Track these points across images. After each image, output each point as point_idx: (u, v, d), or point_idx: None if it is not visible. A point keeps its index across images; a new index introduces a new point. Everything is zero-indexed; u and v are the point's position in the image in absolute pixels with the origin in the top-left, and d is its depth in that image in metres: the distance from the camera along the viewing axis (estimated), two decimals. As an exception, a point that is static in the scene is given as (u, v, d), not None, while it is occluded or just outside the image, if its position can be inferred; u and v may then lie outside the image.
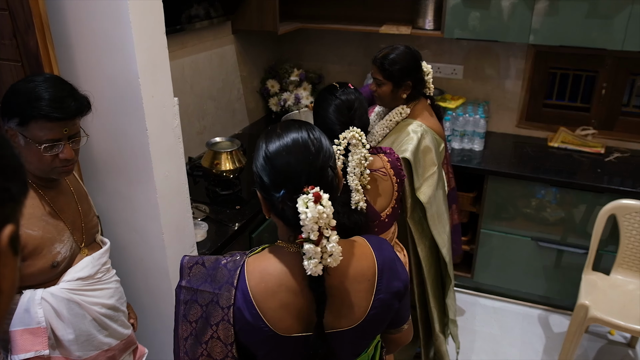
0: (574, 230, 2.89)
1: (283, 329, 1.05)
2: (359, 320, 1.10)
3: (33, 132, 1.33)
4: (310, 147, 1.03)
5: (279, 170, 1.02)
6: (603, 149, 3.07)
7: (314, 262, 0.99)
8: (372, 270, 1.11)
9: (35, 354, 1.40)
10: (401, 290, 1.15)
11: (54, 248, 1.42)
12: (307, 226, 0.97)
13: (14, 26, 1.51)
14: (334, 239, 1.00)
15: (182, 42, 2.64)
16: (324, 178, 1.03)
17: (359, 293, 1.09)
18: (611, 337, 2.95)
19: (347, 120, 1.67)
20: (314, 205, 0.96)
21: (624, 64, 3.04)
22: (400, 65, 2.03)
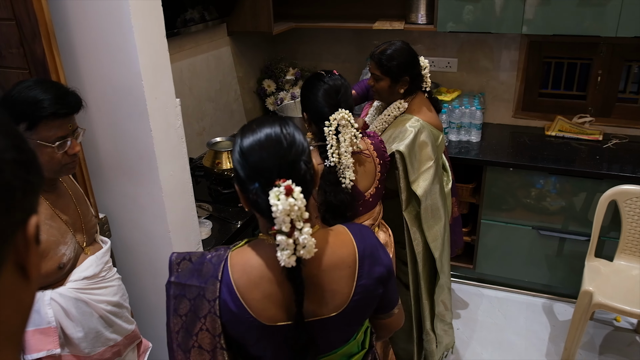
0: (575, 218, 2.91)
1: (267, 318, 1.09)
2: (342, 306, 1.13)
3: (42, 133, 1.35)
4: (282, 141, 1.06)
5: (252, 164, 1.06)
6: (601, 136, 3.10)
7: (287, 253, 1.02)
8: (352, 257, 1.14)
9: (47, 353, 1.44)
10: (384, 275, 1.18)
11: (59, 250, 1.45)
12: (279, 218, 1.00)
13: (20, 35, 1.54)
14: (306, 230, 1.02)
15: (179, 46, 2.66)
16: (296, 172, 1.05)
17: (340, 280, 1.13)
18: (617, 324, 2.97)
19: (335, 103, 1.77)
20: (285, 198, 0.99)
21: (619, 50, 3.07)
22: (397, 61, 2.05)
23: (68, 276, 1.50)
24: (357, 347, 1.28)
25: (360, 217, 1.97)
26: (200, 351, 1.12)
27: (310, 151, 1.12)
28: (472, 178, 3.10)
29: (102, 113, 1.74)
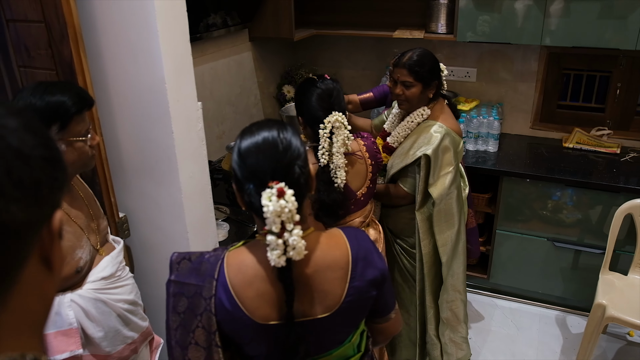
0: (590, 231, 2.90)
1: (261, 317, 1.12)
2: (334, 307, 1.15)
3: (74, 130, 1.41)
4: (278, 145, 1.09)
5: (249, 165, 1.09)
6: (619, 149, 3.08)
7: (276, 253, 1.05)
8: (345, 259, 1.17)
9: (70, 354, 1.46)
10: (377, 278, 1.20)
11: (76, 254, 1.47)
12: (269, 219, 1.03)
13: (49, 37, 1.58)
14: (296, 232, 1.04)
15: (201, 50, 2.72)
16: (290, 175, 1.08)
17: (333, 281, 1.15)
18: (630, 338, 2.94)
19: (329, 106, 1.84)
20: (277, 200, 1.02)
21: (638, 63, 3.05)
22: (428, 66, 2.08)
23: (85, 278, 1.53)
24: (353, 350, 1.29)
25: (352, 215, 2.04)
26: (197, 347, 1.16)
27: (307, 156, 1.15)
28: (489, 188, 3.10)
29: (125, 114, 1.79)
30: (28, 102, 1.35)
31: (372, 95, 2.77)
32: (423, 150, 2.07)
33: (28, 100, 1.36)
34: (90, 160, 1.50)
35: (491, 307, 3.22)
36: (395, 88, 2.14)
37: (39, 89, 1.37)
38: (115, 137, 1.83)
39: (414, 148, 2.11)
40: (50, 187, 0.56)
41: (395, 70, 2.12)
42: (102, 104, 1.78)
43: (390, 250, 2.36)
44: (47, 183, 0.55)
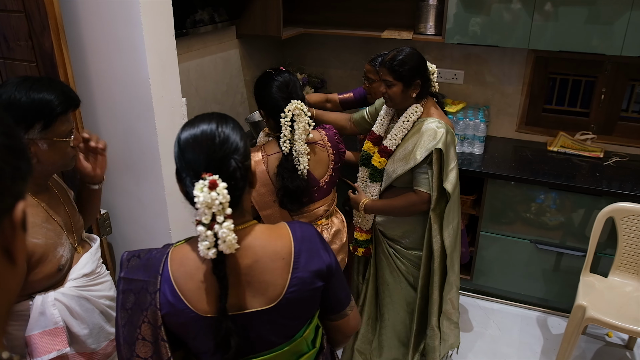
0: (572, 233, 2.93)
1: (202, 309, 1.12)
2: (276, 299, 1.15)
3: (58, 129, 1.38)
4: (215, 138, 1.10)
5: (185, 156, 1.11)
6: (602, 153, 3.11)
7: (205, 244, 1.05)
8: (287, 249, 1.17)
9: (57, 353, 1.45)
10: (323, 270, 1.19)
11: (57, 252, 1.46)
12: (200, 209, 1.04)
13: (29, 28, 1.55)
14: (226, 225, 1.05)
15: (187, 46, 2.70)
16: (225, 168, 1.08)
17: (274, 271, 1.15)
18: (609, 339, 2.98)
19: (288, 95, 1.94)
20: (208, 191, 1.03)
21: (623, 69, 3.09)
22: (409, 65, 2.07)
23: (66, 276, 1.52)
24: (307, 346, 1.28)
25: (316, 204, 2.11)
26: (144, 342, 1.16)
27: (247, 151, 1.16)
28: (473, 190, 3.12)
29: (108, 109, 1.77)
30: (11, 96, 1.31)
31: (352, 95, 2.78)
32: (432, 146, 2.05)
33: (12, 94, 1.31)
34: (71, 160, 1.47)
35: (473, 308, 3.24)
36: (380, 86, 2.17)
37: (25, 85, 1.33)
38: (97, 132, 1.81)
39: (420, 147, 2.08)
40: (12, 177, 0.55)
41: (380, 68, 2.14)
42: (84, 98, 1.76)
43: (382, 252, 2.36)
44: (9, 173, 0.54)
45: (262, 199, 1.98)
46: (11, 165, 0.55)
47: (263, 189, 1.97)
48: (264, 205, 1.99)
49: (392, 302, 2.41)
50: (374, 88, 2.55)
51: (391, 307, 2.42)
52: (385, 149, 2.20)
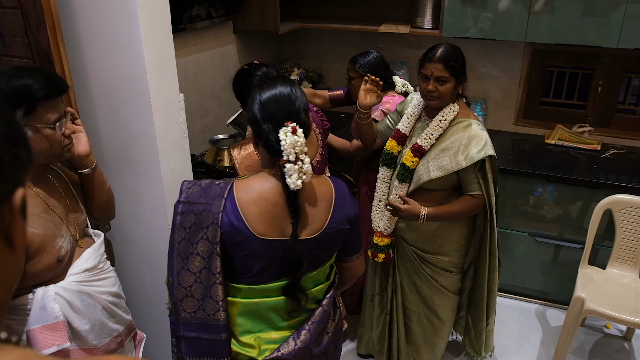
0: (570, 226, 2.93)
1: (260, 232, 1.35)
2: (318, 231, 1.40)
3: (41, 116, 1.36)
4: (291, 96, 1.37)
5: (268, 110, 1.35)
6: (599, 146, 3.12)
7: (295, 177, 1.31)
8: (329, 194, 1.44)
9: (58, 347, 1.44)
10: (351, 215, 1.46)
11: (57, 243, 1.45)
12: (287, 150, 1.30)
13: (25, 24, 1.55)
14: (307, 160, 1.32)
15: (184, 42, 2.69)
16: (300, 118, 1.35)
17: (320, 209, 1.41)
18: (607, 331, 3.00)
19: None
20: (292, 135, 1.30)
21: (620, 62, 3.09)
22: (462, 61, 2.02)
23: (67, 270, 1.51)
24: (324, 276, 1.52)
25: None
26: (197, 257, 1.36)
27: (308, 106, 1.42)
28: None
29: (105, 105, 1.76)
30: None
31: (342, 93, 2.78)
32: (482, 151, 1.97)
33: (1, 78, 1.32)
34: (62, 150, 1.45)
35: (473, 301, 3.25)
36: (426, 84, 2.02)
37: (8, 73, 1.33)
38: (95, 129, 1.81)
39: (465, 151, 1.99)
40: (11, 165, 0.56)
41: (428, 65, 2.00)
42: (81, 94, 1.75)
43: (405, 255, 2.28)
44: (8, 160, 0.55)
45: None
46: (10, 153, 0.56)
47: None
48: None
49: (422, 297, 2.34)
50: (354, 86, 2.57)
51: (420, 302, 2.36)
52: (420, 148, 2.08)
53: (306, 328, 1.44)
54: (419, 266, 2.25)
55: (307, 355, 1.43)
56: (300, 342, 1.42)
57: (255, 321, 1.43)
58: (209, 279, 1.36)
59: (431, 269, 2.25)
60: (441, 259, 2.23)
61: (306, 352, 1.43)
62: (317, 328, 1.46)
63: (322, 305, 1.48)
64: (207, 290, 1.36)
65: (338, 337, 1.58)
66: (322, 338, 1.49)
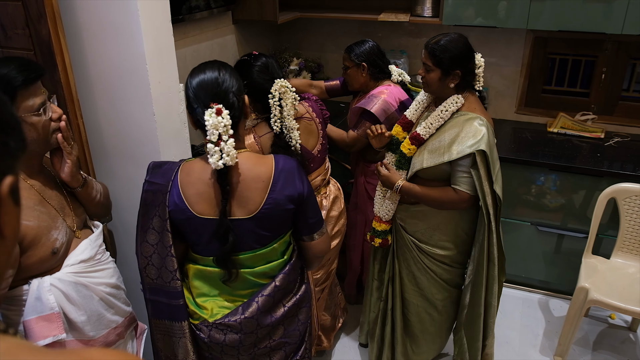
0: (574, 215, 2.92)
1: (199, 211, 1.47)
2: (254, 211, 1.47)
3: (23, 104, 1.34)
4: (218, 79, 1.44)
5: (195, 93, 1.44)
6: (603, 134, 3.10)
7: (215, 157, 1.38)
8: (268, 174, 1.48)
9: (53, 339, 1.43)
10: (294, 196, 1.50)
11: (51, 235, 1.45)
12: (209, 131, 1.37)
13: (26, 16, 1.54)
14: (229, 142, 1.38)
15: (183, 32, 2.66)
16: (226, 100, 1.42)
17: (255, 190, 1.47)
18: (612, 321, 2.99)
19: (270, 77, 1.98)
20: (215, 116, 1.37)
21: (624, 48, 3.06)
22: (451, 53, 1.96)
23: (63, 261, 1.50)
24: (277, 255, 1.59)
25: (312, 174, 2.19)
26: (153, 231, 1.51)
27: (241, 87, 1.48)
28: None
29: (105, 95, 1.75)
30: None
31: (338, 83, 2.75)
32: (474, 146, 1.93)
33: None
34: (51, 135, 1.43)
35: (475, 291, 3.24)
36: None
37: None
38: (95, 119, 1.79)
39: (458, 143, 1.96)
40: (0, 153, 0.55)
41: (423, 50, 2.03)
42: (82, 85, 1.74)
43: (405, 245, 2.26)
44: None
45: None
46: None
47: None
48: None
49: (421, 290, 2.31)
50: (349, 75, 2.57)
51: (419, 294, 2.33)
52: (418, 136, 2.06)
53: (255, 300, 1.56)
54: (417, 257, 2.23)
55: (253, 325, 1.56)
56: (248, 312, 1.54)
57: (210, 287, 1.58)
58: (163, 251, 1.53)
59: (430, 260, 2.23)
60: (438, 252, 2.20)
61: (252, 321, 1.55)
62: (266, 301, 1.56)
63: (275, 281, 1.58)
64: (163, 260, 1.53)
65: (301, 310, 1.68)
66: (274, 310, 1.60)
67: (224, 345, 1.56)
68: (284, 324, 1.64)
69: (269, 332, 1.61)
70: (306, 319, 1.71)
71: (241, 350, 1.59)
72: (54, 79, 1.61)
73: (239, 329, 1.54)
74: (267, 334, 1.61)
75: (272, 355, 1.65)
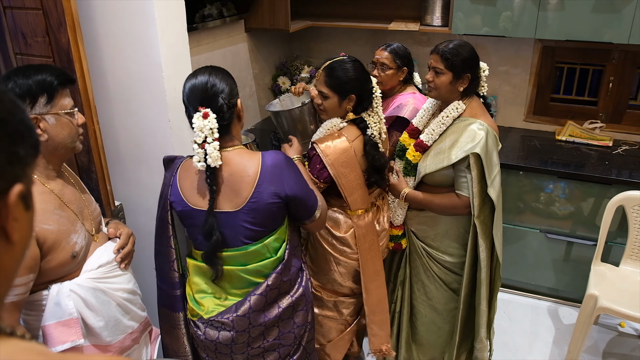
0: (582, 223, 2.93)
1: (193, 203, 1.57)
2: (241, 204, 1.54)
3: (61, 103, 1.43)
4: (207, 83, 1.50)
5: (188, 97, 1.52)
6: (611, 142, 3.11)
7: (196, 158, 1.48)
8: (254, 170, 1.55)
9: (71, 344, 1.46)
10: (279, 192, 1.55)
11: (71, 239, 1.47)
12: (196, 132, 1.46)
13: (47, 24, 1.59)
14: (213, 145, 1.46)
15: (197, 40, 2.71)
16: (214, 104, 1.49)
17: (243, 184, 1.54)
18: (622, 329, 2.98)
19: (367, 76, 2.00)
20: (201, 120, 1.45)
21: (631, 57, 3.08)
22: (462, 56, 2.01)
23: (82, 265, 1.52)
24: (269, 252, 1.63)
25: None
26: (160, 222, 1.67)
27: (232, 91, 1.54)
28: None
29: (122, 102, 1.79)
30: (14, 81, 1.38)
31: None
32: (469, 149, 1.96)
33: (13, 80, 1.38)
34: (77, 138, 1.50)
35: (484, 299, 3.24)
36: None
37: (22, 70, 1.41)
38: (112, 125, 1.83)
39: (457, 148, 1.99)
40: (8, 162, 0.57)
41: (431, 56, 2.07)
42: (100, 92, 1.78)
43: (415, 251, 2.28)
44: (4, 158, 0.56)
45: (351, 184, 1.98)
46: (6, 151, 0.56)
47: (352, 175, 1.98)
48: (351, 190, 1.99)
49: (429, 300, 2.33)
50: (387, 76, 2.46)
51: (427, 305, 2.34)
52: (421, 143, 2.11)
53: (248, 299, 1.61)
54: (427, 264, 2.25)
55: (245, 323, 1.61)
56: (241, 310, 1.60)
57: (207, 284, 1.65)
58: (164, 242, 1.68)
59: (439, 268, 2.24)
60: (446, 258, 2.21)
61: (244, 320, 1.61)
62: (258, 300, 1.61)
63: (267, 280, 1.62)
64: (165, 250, 1.68)
65: (298, 313, 1.72)
66: (268, 310, 1.65)
67: (218, 343, 1.63)
68: (279, 325, 1.69)
69: (263, 332, 1.66)
70: (303, 322, 1.75)
71: (234, 349, 1.64)
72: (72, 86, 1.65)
73: (232, 326, 1.60)
74: (261, 334, 1.66)
75: (266, 356, 1.70)
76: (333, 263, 2.10)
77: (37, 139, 0.62)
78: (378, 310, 2.18)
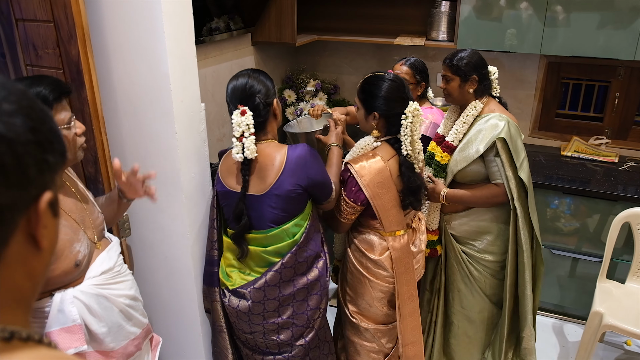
0: (588, 239, 2.91)
1: (229, 184, 1.81)
2: (266, 189, 1.74)
3: (58, 117, 1.43)
4: (246, 84, 1.72)
5: (230, 97, 1.74)
6: (616, 158, 3.10)
7: (235, 150, 1.70)
8: (281, 160, 1.75)
9: (75, 350, 1.46)
10: (302, 182, 1.74)
11: (74, 248, 1.48)
12: (234, 128, 1.68)
13: (57, 36, 1.61)
14: (250, 138, 1.69)
15: (204, 53, 2.74)
16: (251, 103, 1.71)
17: (268, 172, 1.75)
18: (628, 348, 2.95)
19: (404, 97, 1.93)
20: (239, 116, 1.68)
21: (637, 74, 3.08)
22: (466, 61, 2.15)
23: (85, 273, 1.54)
24: (288, 236, 1.82)
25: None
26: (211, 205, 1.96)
27: (269, 91, 1.75)
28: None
29: (130, 113, 1.80)
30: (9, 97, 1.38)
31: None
32: (494, 135, 2.07)
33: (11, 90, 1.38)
34: (79, 150, 1.51)
35: (488, 314, 3.22)
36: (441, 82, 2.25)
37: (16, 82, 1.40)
38: (119, 135, 1.85)
39: (482, 140, 2.10)
40: (39, 170, 0.57)
41: (442, 66, 2.23)
42: (108, 103, 1.80)
43: (454, 257, 2.31)
44: (35, 166, 0.57)
45: (385, 205, 1.95)
46: (37, 159, 0.57)
47: (387, 196, 1.94)
48: (386, 211, 1.95)
49: (464, 309, 2.35)
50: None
51: (462, 315, 2.36)
52: (447, 143, 2.23)
53: (265, 275, 1.82)
54: (466, 269, 2.28)
55: (260, 295, 1.82)
56: (258, 284, 1.82)
57: (237, 260, 1.87)
58: (209, 223, 1.94)
59: (478, 272, 2.27)
60: (487, 257, 2.25)
61: (260, 292, 1.82)
62: (273, 276, 1.82)
63: (282, 259, 1.81)
64: (209, 231, 1.95)
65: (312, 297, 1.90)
66: (283, 287, 1.84)
67: (238, 311, 1.86)
68: (293, 305, 1.88)
69: (277, 309, 1.86)
70: (316, 306, 1.92)
71: (252, 319, 1.87)
72: (80, 97, 1.67)
73: (249, 297, 1.83)
74: (275, 310, 1.86)
75: (280, 332, 1.89)
76: (369, 287, 2.04)
77: (64, 146, 0.63)
78: (410, 341, 2.11)
